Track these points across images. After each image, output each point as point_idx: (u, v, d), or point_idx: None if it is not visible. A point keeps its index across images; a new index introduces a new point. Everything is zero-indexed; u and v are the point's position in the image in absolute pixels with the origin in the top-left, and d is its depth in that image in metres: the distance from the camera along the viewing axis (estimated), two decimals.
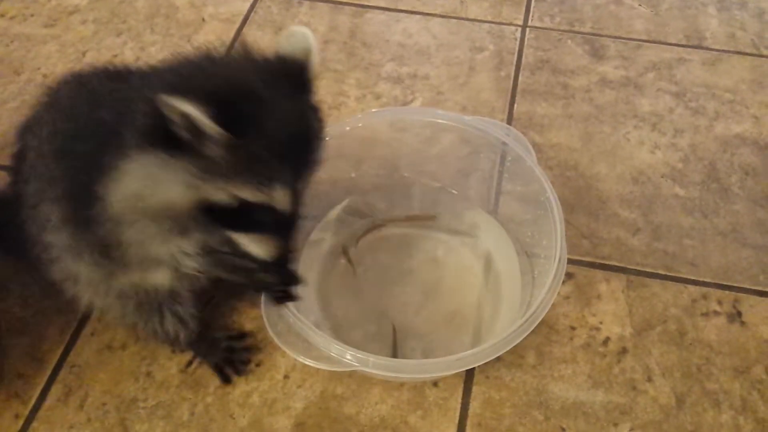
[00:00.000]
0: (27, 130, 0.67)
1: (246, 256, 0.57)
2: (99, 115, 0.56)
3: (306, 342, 0.66)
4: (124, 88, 0.57)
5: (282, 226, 0.55)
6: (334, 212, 0.90)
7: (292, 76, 0.55)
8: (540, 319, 0.67)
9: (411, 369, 0.68)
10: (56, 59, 1.11)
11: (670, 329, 0.82)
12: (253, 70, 0.54)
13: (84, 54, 1.10)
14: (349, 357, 0.64)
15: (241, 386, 0.78)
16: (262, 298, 0.69)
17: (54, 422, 0.75)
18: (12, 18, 1.18)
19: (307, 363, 0.65)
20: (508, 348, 0.66)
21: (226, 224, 0.55)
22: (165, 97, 0.47)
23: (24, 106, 1.04)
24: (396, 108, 1.03)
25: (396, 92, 1.06)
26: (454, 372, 0.72)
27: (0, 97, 1.06)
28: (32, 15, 1.18)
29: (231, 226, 0.55)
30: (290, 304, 0.67)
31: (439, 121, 0.85)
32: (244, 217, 0.53)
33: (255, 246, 0.57)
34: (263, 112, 0.51)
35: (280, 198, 0.53)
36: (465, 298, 0.82)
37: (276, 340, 0.67)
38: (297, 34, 0.55)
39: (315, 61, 0.56)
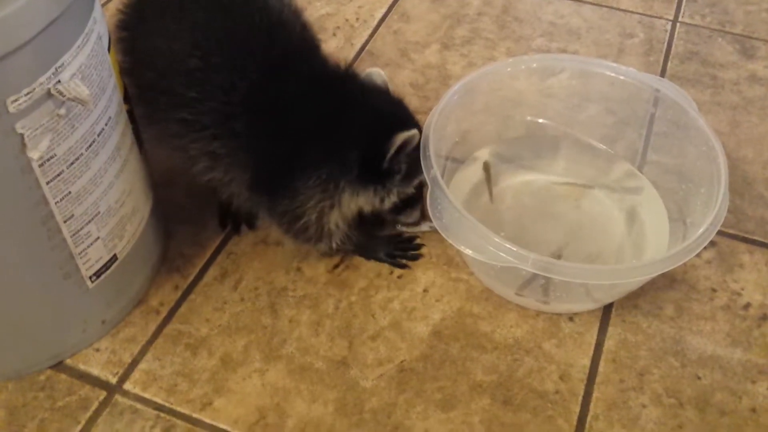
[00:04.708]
0: None
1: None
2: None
3: (467, 236, 0.69)
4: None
5: (418, 197, 0.81)
6: (480, 153, 0.93)
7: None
8: (707, 242, 0.69)
9: (572, 273, 0.68)
10: None
11: None
12: (387, 98, 0.79)
13: None
14: (508, 253, 0.67)
15: (382, 292, 0.81)
16: (426, 196, 0.73)
17: (210, 297, 0.81)
18: None
19: (467, 253, 0.68)
20: (674, 266, 0.69)
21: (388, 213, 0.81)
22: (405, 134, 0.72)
23: None
24: (546, 54, 1.07)
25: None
26: (625, 281, 0.72)
27: None
28: None
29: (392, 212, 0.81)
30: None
31: (590, 69, 0.88)
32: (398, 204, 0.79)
33: (405, 217, 0.83)
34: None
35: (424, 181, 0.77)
36: (606, 244, 0.84)
37: (439, 230, 0.70)
38: (374, 73, 0.79)
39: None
